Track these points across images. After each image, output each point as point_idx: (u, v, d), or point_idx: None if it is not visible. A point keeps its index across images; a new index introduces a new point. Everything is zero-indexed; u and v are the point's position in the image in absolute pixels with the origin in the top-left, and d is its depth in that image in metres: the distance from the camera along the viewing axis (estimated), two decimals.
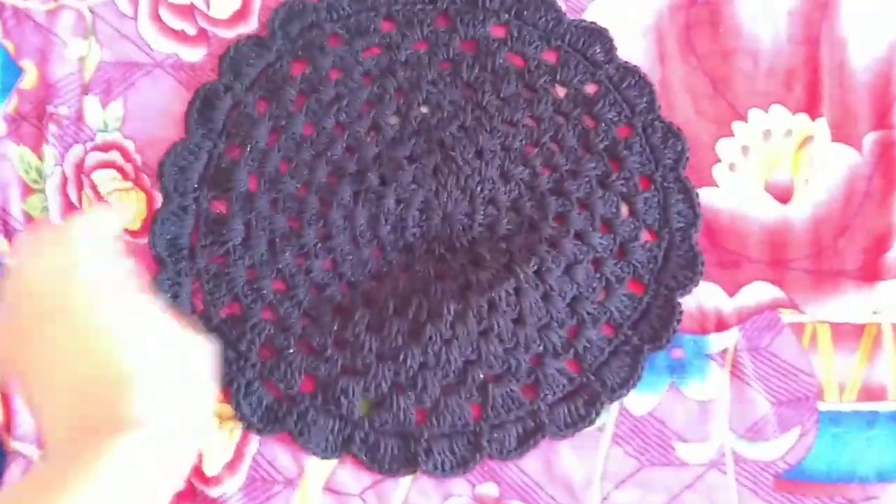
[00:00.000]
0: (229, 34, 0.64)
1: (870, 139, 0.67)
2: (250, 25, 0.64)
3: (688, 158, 0.65)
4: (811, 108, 0.67)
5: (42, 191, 0.61)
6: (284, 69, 0.63)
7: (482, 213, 0.62)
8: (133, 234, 0.61)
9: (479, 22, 0.65)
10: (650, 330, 0.61)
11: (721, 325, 0.64)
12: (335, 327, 0.58)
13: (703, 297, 0.64)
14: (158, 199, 0.61)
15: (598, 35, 0.66)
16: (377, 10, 0.65)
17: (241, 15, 0.64)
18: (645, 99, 0.66)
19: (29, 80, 0.63)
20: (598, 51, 0.66)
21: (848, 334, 0.64)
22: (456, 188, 0.62)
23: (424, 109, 0.64)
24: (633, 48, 0.67)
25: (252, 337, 0.58)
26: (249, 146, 0.61)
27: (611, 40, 0.66)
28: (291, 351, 0.58)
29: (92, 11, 0.64)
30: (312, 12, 0.64)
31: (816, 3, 0.69)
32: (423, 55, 0.65)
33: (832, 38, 0.69)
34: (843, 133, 0.67)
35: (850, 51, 0.69)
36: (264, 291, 0.59)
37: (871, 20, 0.69)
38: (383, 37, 0.65)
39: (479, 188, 0.62)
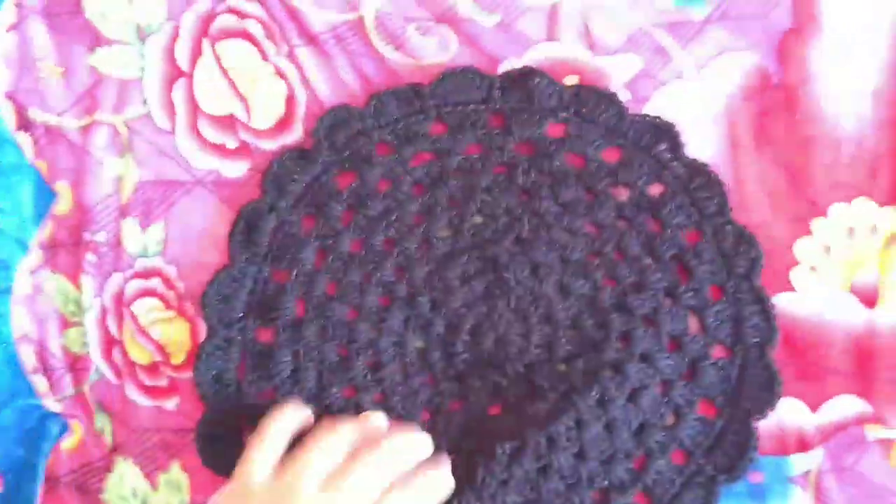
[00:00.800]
0: (272, 146, 0.60)
1: None
2: (294, 135, 0.61)
3: (762, 265, 0.60)
4: None
5: (81, 324, 0.59)
6: (331, 183, 0.60)
7: (538, 333, 0.58)
8: (176, 367, 0.59)
9: (535, 122, 0.61)
10: (725, 458, 0.58)
11: (803, 445, 0.60)
12: None
13: (784, 413, 0.59)
14: (202, 328, 0.59)
15: (663, 130, 0.62)
16: (427, 112, 0.61)
17: (284, 124, 0.61)
18: (715, 200, 0.61)
19: (63, 203, 0.61)
20: (663, 148, 0.61)
21: None
22: (508, 310, 0.58)
23: (478, 219, 0.60)
24: (701, 140, 0.62)
25: None
26: (296, 270, 0.58)
27: (677, 136, 0.62)
28: None
29: (128, 126, 0.61)
30: (359, 119, 0.60)
31: None
32: (477, 160, 0.61)
33: None
34: None
35: None
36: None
37: None
38: (434, 142, 0.61)
39: (533, 307, 0.58)
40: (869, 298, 0.61)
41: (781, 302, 0.61)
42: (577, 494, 0.56)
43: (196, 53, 0.62)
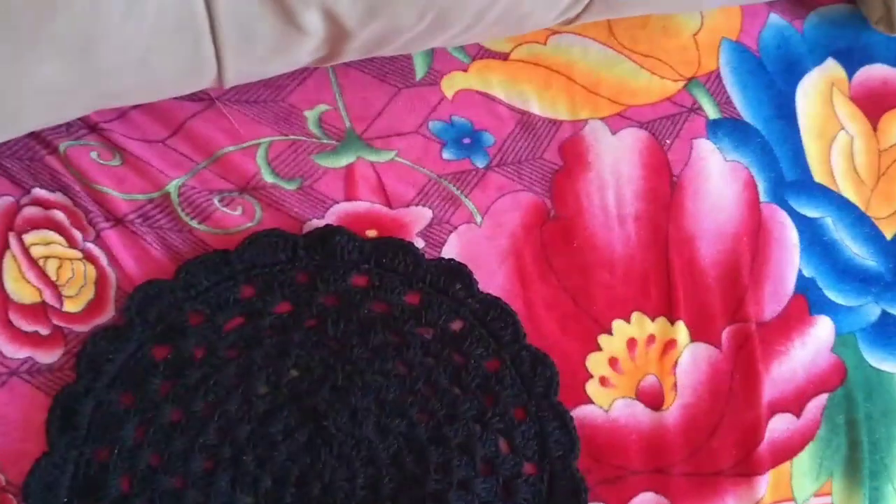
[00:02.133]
0: (86, 328, 0.62)
1: (727, 334, 0.70)
2: (107, 315, 0.63)
3: (558, 383, 0.67)
4: (669, 310, 0.70)
5: None
6: (147, 357, 0.62)
7: (363, 475, 0.62)
8: None
9: (340, 275, 0.66)
10: None
11: None
12: None
13: None
14: None
15: (457, 272, 0.68)
16: (235, 278, 0.65)
17: (96, 306, 0.63)
18: (510, 329, 0.67)
19: None
20: (459, 287, 0.68)
21: None
22: (332, 457, 0.61)
23: (294, 373, 0.64)
24: (494, 276, 0.69)
25: None
26: (117, 447, 0.59)
27: (469, 275, 0.68)
28: None
29: None
30: (169, 292, 0.64)
31: (660, 205, 0.73)
32: (288, 318, 0.65)
33: (679, 238, 0.72)
34: (701, 332, 0.70)
35: (698, 248, 0.72)
36: None
37: (713, 216, 0.73)
38: (245, 305, 0.65)
39: (356, 451, 0.62)
40: (654, 402, 0.69)
41: (580, 414, 0.67)
42: None
43: (2, 246, 0.64)
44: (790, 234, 0.74)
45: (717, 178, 0.74)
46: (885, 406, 0.71)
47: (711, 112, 0.76)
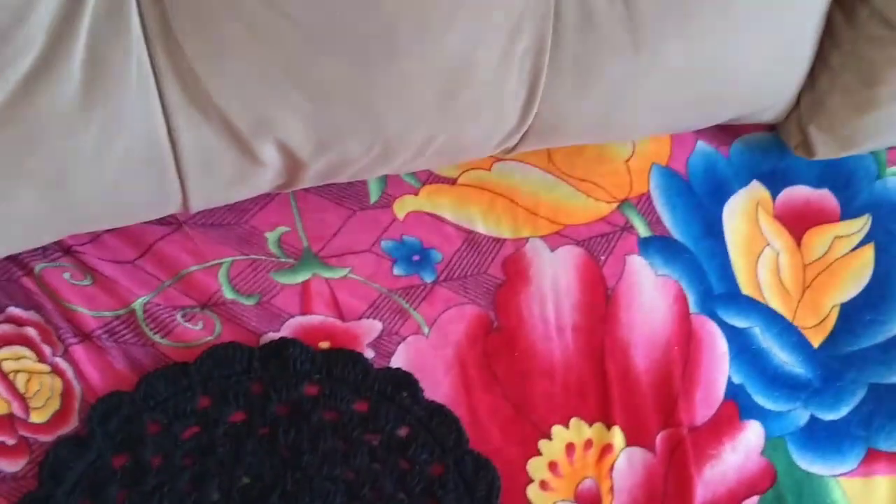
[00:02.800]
0: (50, 439, 0.66)
1: (661, 438, 0.74)
2: (71, 426, 0.67)
3: (500, 487, 0.70)
4: (605, 416, 0.75)
5: None
6: (106, 466, 0.66)
7: None
8: None
9: (293, 385, 0.70)
10: None
11: None
12: None
13: None
14: None
15: (403, 380, 0.73)
16: (193, 389, 0.69)
17: (61, 418, 0.68)
18: (453, 435, 0.71)
19: None
20: (405, 395, 0.72)
21: None
22: None
23: (246, 480, 0.67)
24: (439, 385, 0.74)
25: None
26: None
27: (416, 383, 0.72)
28: None
29: None
30: (130, 403, 0.68)
31: (596, 317, 0.78)
32: (242, 426, 0.69)
33: (615, 348, 0.77)
34: (636, 436, 0.74)
35: (633, 357, 0.77)
36: None
37: (645, 326, 0.78)
38: (201, 415, 0.69)
39: None
40: (592, 503, 0.72)
41: None
42: None
43: None
44: (719, 343, 0.79)
45: (649, 291, 0.80)
46: None
47: (642, 230, 0.82)
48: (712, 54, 0.74)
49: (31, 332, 0.69)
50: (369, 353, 0.74)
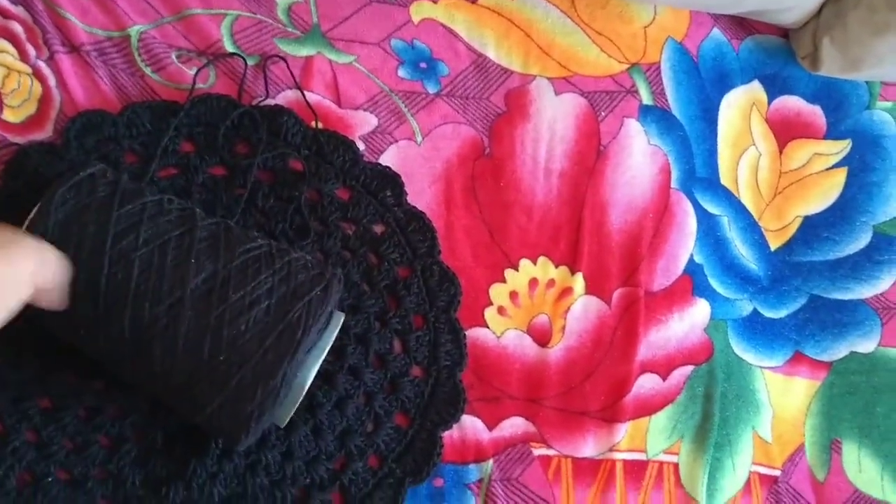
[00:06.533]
0: (21, 140, 0.62)
1: (618, 294, 0.76)
2: (45, 134, 0.63)
3: (460, 301, 0.71)
4: (572, 262, 0.76)
5: None
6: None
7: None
8: None
9: (280, 155, 0.68)
10: (413, 463, 0.66)
11: (479, 456, 0.69)
12: (99, 457, 0.58)
13: (467, 429, 0.69)
14: None
15: (390, 179, 0.71)
16: (178, 130, 0.66)
17: (36, 122, 0.64)
18: (427, 243, 0.71)
19: None
20: (388, 194, 0.71)
21: (586, 469, 0.71)
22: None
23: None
24: (421, 192, 0.73)
25: (11, 462, 0.57)
26: None
27: (401, 185, 0.71)
28: (50, 479, 0.57)
29: None
30: (111, 126, 0.64)
31: (584, 168, 0.78)
32: (220, 180, 0.67)
33: (595, 202, 0.78)
34: (596, 287, 0.76)
35: (609, 214, 0.78)
36: (30, 411, 0.58)
37: (627, 188, 0.79)
38: (181, 158, 0.66)
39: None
40: (542, 339, 0.74)
41: (473, 335, 0.71)
42: (280, 490, 0.62)
43: None
44: (690, 222, 0.81)
45: (639, 157, 0.81)
46: (739, 390, 0.78)
47: (646, 98, 0.82)
48: None
49: (16, 27, 0.64)
50: (360, 145, 0.72)
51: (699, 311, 0.79)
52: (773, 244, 0.84)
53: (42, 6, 0.65)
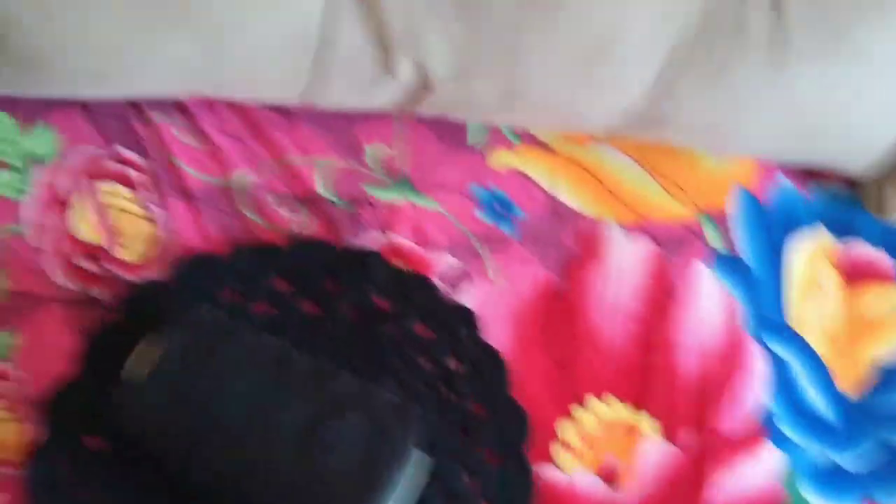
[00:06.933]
0: (132, 278, 0.68)
1: (687, 437, 0.77)
2: (153, 272, 0.69)
3: (530, 437, 0.73)
4: (641, 401, 0.77)
5: None
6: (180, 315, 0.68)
7: None
8: (4, 464, 0.62)
9: (366, 293, 0.73)
10: None
11: None
12: None
13: None
14: (36, 432, 0.63)
15: (466, 316, 0.75)
16: (276, 270, 0.72)
17: (146, 262, 0.69)
18: (499, 380, 0.74)
19: None
20: (464, 331, 0.74)
21: None
22: None
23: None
24: (496, 331, 0.76)
25: None
26: None
27: (476, 322, 0.75)
28: None
29: (4, 241, 0.67)
30: (215, 266, 0.70)
31: (653, 309, 0.81)
32: (311, 318, 0.71)
33: (664, 342, 0.80)
34: (665, 428, 0.77)
35: (679, 355, 0.80)
36: None
37: (697, 330, 0.81)
38: (277, 296, 0.71)
39: None
40: (611, 479, 0.75)
41: (542, 471, 0.73)
42: None
43: (77, 187, 0.70)
44: (760, 366, 0.82)
45: (708, 300, 0.83)
46: None
47: (715, 242, 0.85)
48: (835, 95, 0.77)
49: (134, 174, 0.71)
50: (438, 284, 0.76)
51: (769, 458, 0.79)
52: (847, 390, 0.84)
53: (157, 154, 0.72)
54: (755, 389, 0.81)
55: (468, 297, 0.77)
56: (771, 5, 0.68)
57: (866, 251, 0.91)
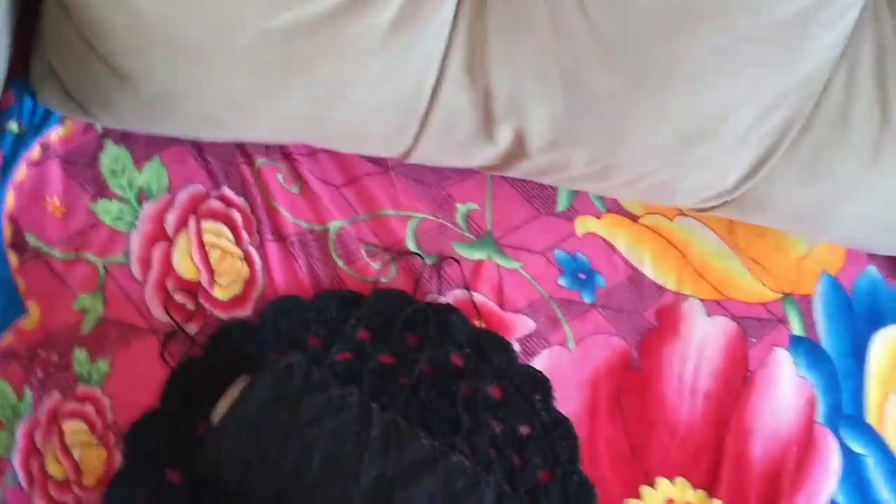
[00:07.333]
0: (225, 316, 0.71)
1: None
2: (246, 311, 0.72)
3: None
4: (711, 486, 0.76)
5: (11, 430, 0.65)
6: (265, 358, 0.70)
7: None
8: (85, 489, 0.65)
9: (444, 350, 0.74)
10: None
11: None
12: None
13: None
14: (119, 459, 0.65)
15: (540, 383, 0.75)
16: (359, 319, 0.73)
17: (240, 300, 0.72)
18: (569, 450, 0.74)
19: (30, 320, 0.68)
20: (537, 397, 0.75)
21: None
22: None
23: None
24: (570, 400, 0.76)
25: None
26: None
27: (550, 389, 0.75)
28: None
29: (107, 269, 0.71)
30: (303, 310, 0.72)
31: (730, 391, 0.80)
32: (388, 368, 0.73)
33: (738, 427, 0.79)
34: None
35: (752, 441, 0.79)
36: None
37: (772, 417, 0.80)
38: (358, 345, 0.73)
39: None
40: None
41: None
42: None
43: (182, 224, 0.73)
44: (833, 459, 0.81)
45: (786, 387, 0.82)
46: None
47: (797, 328, 0.84)
48: None
49: (236, 215, 0.74)
50: (516, 347, 0.77)
51: None
52: None
53: (260, 198, 0.75)
54: (828, 483, 0.79)
55: (544, 361, 0.77)
56: (876, 101, 0.68)
57: None
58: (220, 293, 0.71)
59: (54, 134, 0.74)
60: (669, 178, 0.75)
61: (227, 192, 0.75)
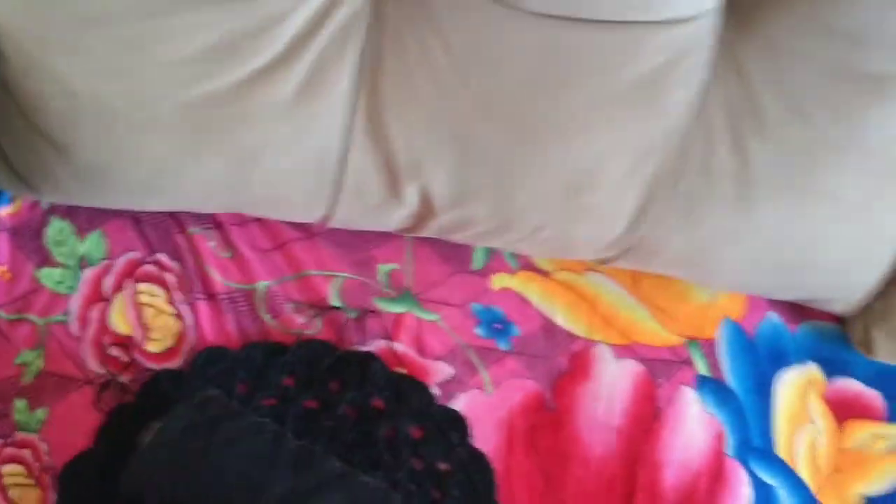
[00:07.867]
0: (156, 367, 0.77)
1: None
2: (176, 363, 0.77)
3: None
4: None
5: None
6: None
7: None
8: None
9: (366, 394, 0.79)
10: None
11: None
12: None
13: None
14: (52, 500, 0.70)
15: (458, 422, 0.81)
16: (284, 367, 0.79)
17: (171, 353, 0.78)
18: (486, 484, 0.78)
19: None
20: (456, 435, 0.80)
21: None
22: None
23: None
24: (487, 439, 0.81)
25: None
26: None
27: (467, 427, 0.80)
28: None
29: (48, 328, 0.77)
30: (231, 360, 0.78)
31: (640, 427, 0.85)
32: (312, 413, 0.78)
33: (650, 460, 0.84)
34: None
35: (663, 472, 0.83)
36: None
37: (682, 451, 0.85)
38: (283, 391, 0.78)
39: None
40: None
41: None
42: None
43: (118, 286, 0.80)
44: (745, 490, 0.85)
45: (694, 423, 0.87)
46: None
47: (702, 369, 0.90)
48: (804, 234, 0.82)
49: (170, 278, 0.81)
50: (435, 391, 0.82)
51: None
52: None
53: (192, 262, 0.82)
54: None
55: (461, 404, 0.82)
56: (733, 148, 0.76)
57: (857, 389, 0.94)
58: (152, 346, 0.77)
59: (3, 211, 0.81)
60: (563, 229, 0.82)
61: (162, 257, 0.82)
